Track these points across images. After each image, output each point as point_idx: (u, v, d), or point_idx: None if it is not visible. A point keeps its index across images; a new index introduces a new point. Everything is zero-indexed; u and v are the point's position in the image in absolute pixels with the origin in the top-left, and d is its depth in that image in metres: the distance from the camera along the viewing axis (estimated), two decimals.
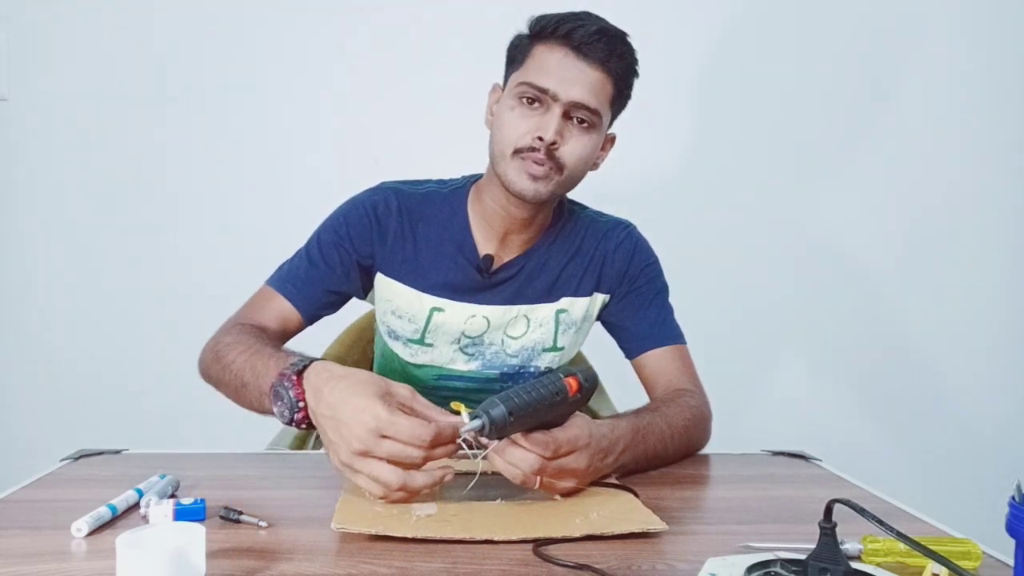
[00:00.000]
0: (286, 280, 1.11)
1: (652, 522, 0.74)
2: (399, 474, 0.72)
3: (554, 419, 0.77)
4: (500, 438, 0.73)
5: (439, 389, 1.16)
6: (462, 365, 1.15)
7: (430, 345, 1.14)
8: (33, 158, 1.78)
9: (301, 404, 0.80)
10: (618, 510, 0.78)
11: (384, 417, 0.72)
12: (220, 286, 1.79)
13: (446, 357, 1.15)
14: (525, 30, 1.08)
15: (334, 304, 1.14)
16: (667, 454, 0.99)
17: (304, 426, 0.80)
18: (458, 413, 0.74)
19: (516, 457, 0.75)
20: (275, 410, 0.83)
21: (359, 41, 1.80)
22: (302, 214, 1.76)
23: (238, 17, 1.78)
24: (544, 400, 0.73)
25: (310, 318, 1.12)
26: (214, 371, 0.98)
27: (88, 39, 1.77)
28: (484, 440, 0.73)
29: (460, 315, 1.12)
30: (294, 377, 0.80)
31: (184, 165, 1.80)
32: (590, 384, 0.77)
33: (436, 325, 1.12)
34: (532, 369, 1.17)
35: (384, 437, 0.72)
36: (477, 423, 0.70)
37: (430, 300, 1.11)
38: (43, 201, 1.79)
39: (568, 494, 0.81)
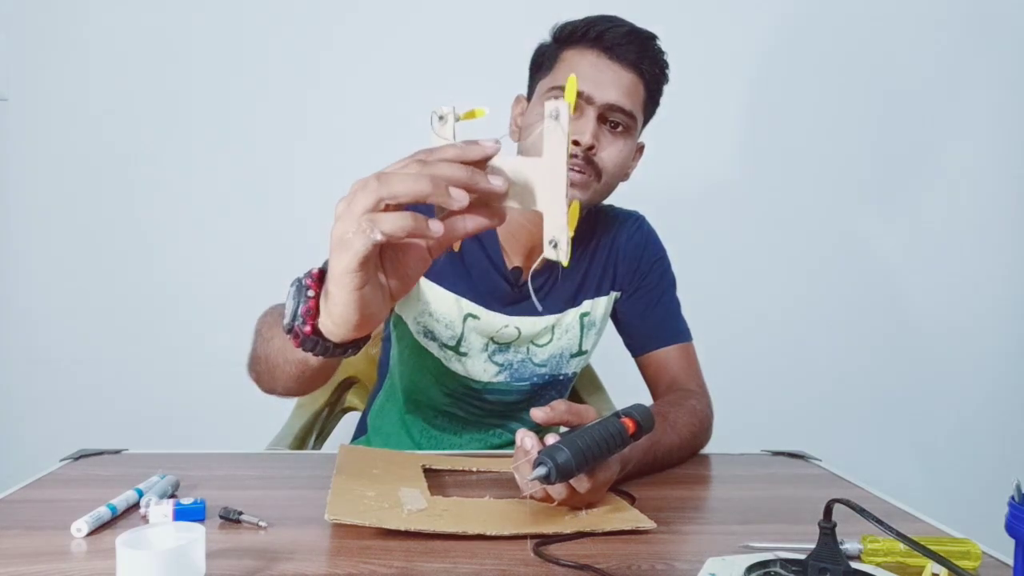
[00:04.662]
0: None
1: (641, 520, 0.74)
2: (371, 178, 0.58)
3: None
4: (556, 483, 0.71)
5: (472, 398, 1.15)
6: (492, 377, 1.13)
7: (464, 354, 1.11)
8: (33, 158, 1.78)
9: (311, 292, 0.65)
10: (606, 508, 0.78)
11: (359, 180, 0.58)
12: (221, 287, 1.81)
13: (478, 368, 1.12)
14: (536, 41, 1.07)
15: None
16: (670, 462, 0.99)
17: (308, 324, 0.65)
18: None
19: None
20: (286, 306, 0.66)
21: (360, 40, 1.80)
22: (302, 216, 1.78)
23: (239, 17, 1.78)
24: (607, 444, 0.73)
25: None
26: (255, 352, 0.85)
27: (88, 39, 1.76)
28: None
29: (494, 324, 1.09)
30: (315, 272, 0.66)
31: (184, 165, 1.80)
32: (647, 425, 0.76)
33: (469, 331, 1.10)
34: (561, 376, 1.16)
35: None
36: (542, 471, 0.68)
37: (466, 304, 1.09)
38: (43, 201, 1.79)
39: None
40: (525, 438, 0.74)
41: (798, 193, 1.91)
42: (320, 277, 0.66)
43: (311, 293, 0.65)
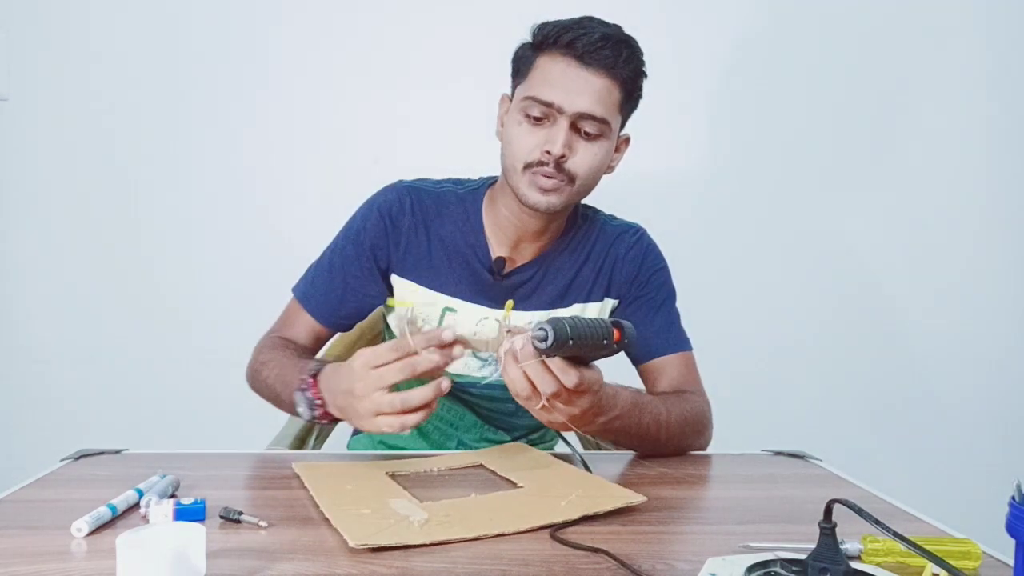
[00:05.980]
0: (309, 293, 1.14)
1: (630, 496, 0.78)
2: (396, 396, 0.81)
3: (586, 358, 0.81)
4: (548, 355, 0.77)
5: (455, 392, 1.15)
6: (475, 372, 1.14)
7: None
8: (33, 158, 1.78)
9: (318, 401, 0.91)
10: (592, 489, 0.82)
11: (367, 351, 0.83)
12: (220, 286, 1.81)
13: (459, 363, 1.11)
14: (528, 37, 1.06)
15: (360, 311, 1.15)
16: (659, 437, 0.99)
17: (326, 420, 0.92)
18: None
19: (536, 374, 0.77)
20: (300, 411, 0.94)
21: (358, 40, 1.80)
22: (301, 215, 1.78)
23: (239, 17, 1.78)
24: (596, 338, 0.77)
25: (336, 327, 1.16)
26: (256, 386, 1.10)
27: (88, 39, 1.76)
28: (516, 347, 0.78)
29: (472, 316, 1.11)
30: (310, 380, 0.92)
31: (184, 165, 1.80)
32: (629, 340, 0.81)
33: (448, 326, 1.11)
34: None
35: (375, 368, 0.82)
36: (541, 332, 0.75)
37: (443, 299, 1.10)
38: (43, 201, 1.79)
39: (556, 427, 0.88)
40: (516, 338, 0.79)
41: (797, 193, 1.91)
42: (314, 381, 0.91)
43: (319, 402, 0.91)
